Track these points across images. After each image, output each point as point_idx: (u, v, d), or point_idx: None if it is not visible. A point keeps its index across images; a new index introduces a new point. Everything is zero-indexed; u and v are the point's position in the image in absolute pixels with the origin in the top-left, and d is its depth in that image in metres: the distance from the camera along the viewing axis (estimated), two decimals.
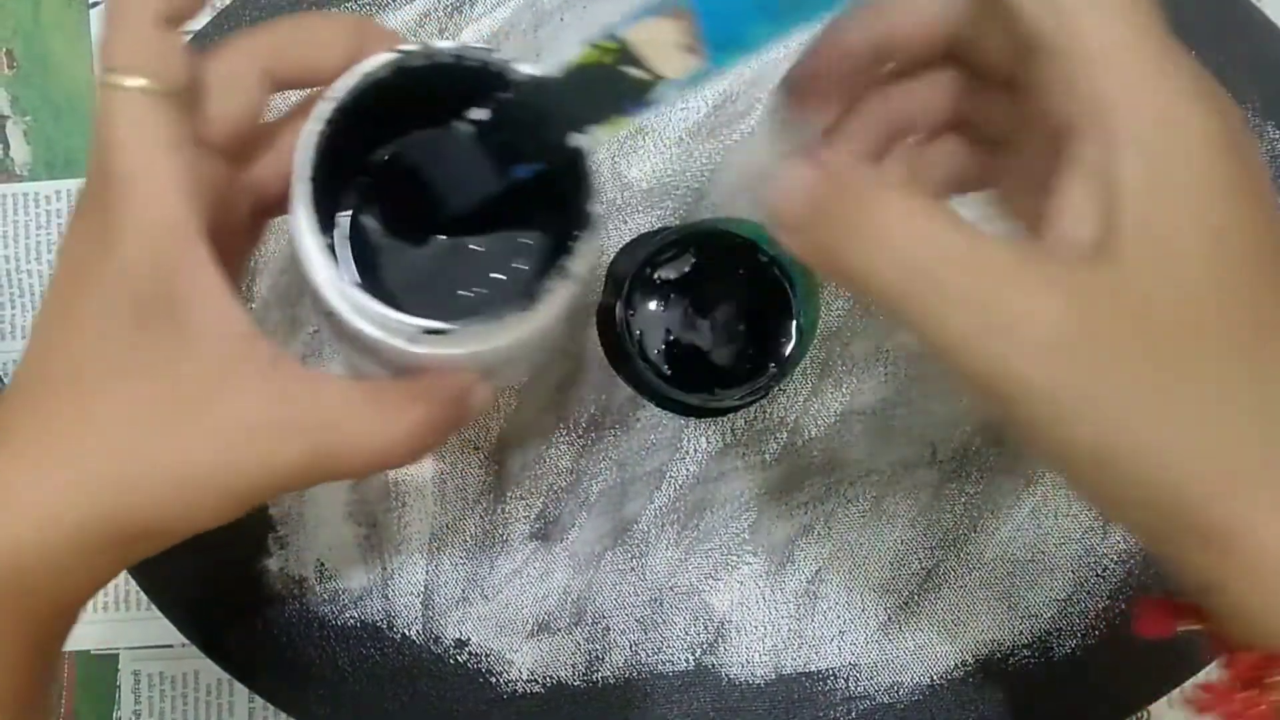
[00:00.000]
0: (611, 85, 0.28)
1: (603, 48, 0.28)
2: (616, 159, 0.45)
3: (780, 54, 0.45)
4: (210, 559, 0.43)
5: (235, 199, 0.31)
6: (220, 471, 0.28)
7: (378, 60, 0.30)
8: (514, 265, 0.33)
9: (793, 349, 0.43)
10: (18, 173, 0.48)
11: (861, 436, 0.44)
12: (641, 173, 0.45)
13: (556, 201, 0.31)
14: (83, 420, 0.27)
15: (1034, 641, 0.43)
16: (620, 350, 0.43)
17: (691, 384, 0.43)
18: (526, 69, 0.29)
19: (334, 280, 0.29)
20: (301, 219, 0.29)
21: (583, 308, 0.44)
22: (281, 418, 0.28)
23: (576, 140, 0.29)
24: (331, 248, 0.32)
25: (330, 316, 0.31)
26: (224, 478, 0.28)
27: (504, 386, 0.44)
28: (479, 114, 0.30)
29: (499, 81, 0.30)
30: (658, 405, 0.44)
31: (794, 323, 0.43)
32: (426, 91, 0.30)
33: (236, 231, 0.32)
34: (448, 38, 0.45)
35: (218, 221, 0.30)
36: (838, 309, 0.45)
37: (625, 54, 0.28)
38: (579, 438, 0.44)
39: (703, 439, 0.44)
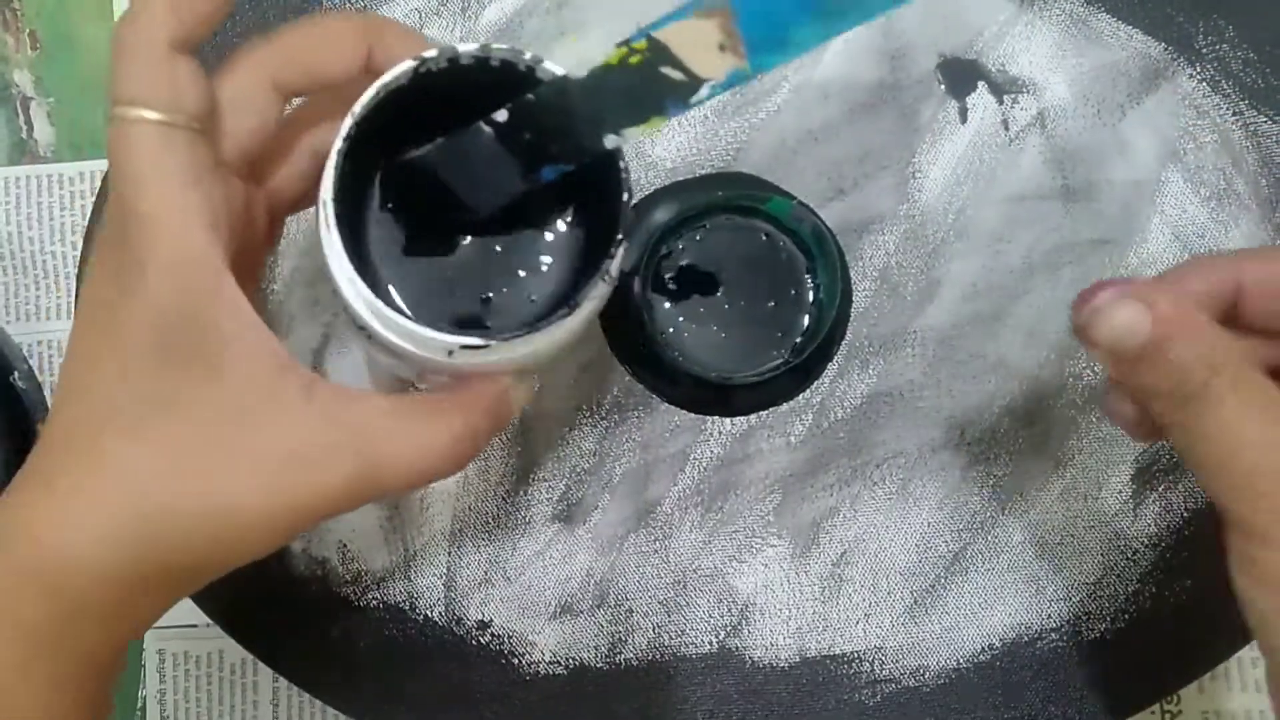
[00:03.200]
0: (647, 86, 0.27)
1: (633, 48, 0.27)
2: (641, 138, 0.45)
3: None
4: None
5: (255, 211, 0.31)
6: (262, 501, 0.28)
7: (397, 70, 0.29)
8: (541, 262, 0.33)
9: (811, 324, 0.43)
10: (42, 154, 0.48)
11: (888, 418, 0.44)
12: (666, 151, 0.45)
13: (582, 197, 0.31)
14: (121, 462, 0.27)
15: (1062, 625, 0.43)
16: (633, 331, 0.43)
17: (705, 364, 0.42)
18: (552, 68, 0.29)
19: (367, 299, 0.29)
20: (331, 241, 0.29)
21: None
22: (322, 441, 0.28)
23: (610, 141, 0.29)
24: (362, 256, 0.32)
25: (363, 330, 0.31)
26: (267, 507, 0.28)
27: (538, 380, 0.43)
28: (501, 115, 0.29)
29: (527, 80, 0.29)
30: (666, 398, 0.43)
31: (812, 297, 0.43)
32: (454, 92, 0.30)
33: (258, 242, 0.32)
34: (470, 17, 0.45)
35: (242, 239, 0.30)
36: (864, 290, 0.44)
37: (659, 54, 0.27)
38: (602, 419, 0.44)
39: (727, 421, 0.44)
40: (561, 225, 0.33)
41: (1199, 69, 0.45)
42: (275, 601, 0.43)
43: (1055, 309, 0.44)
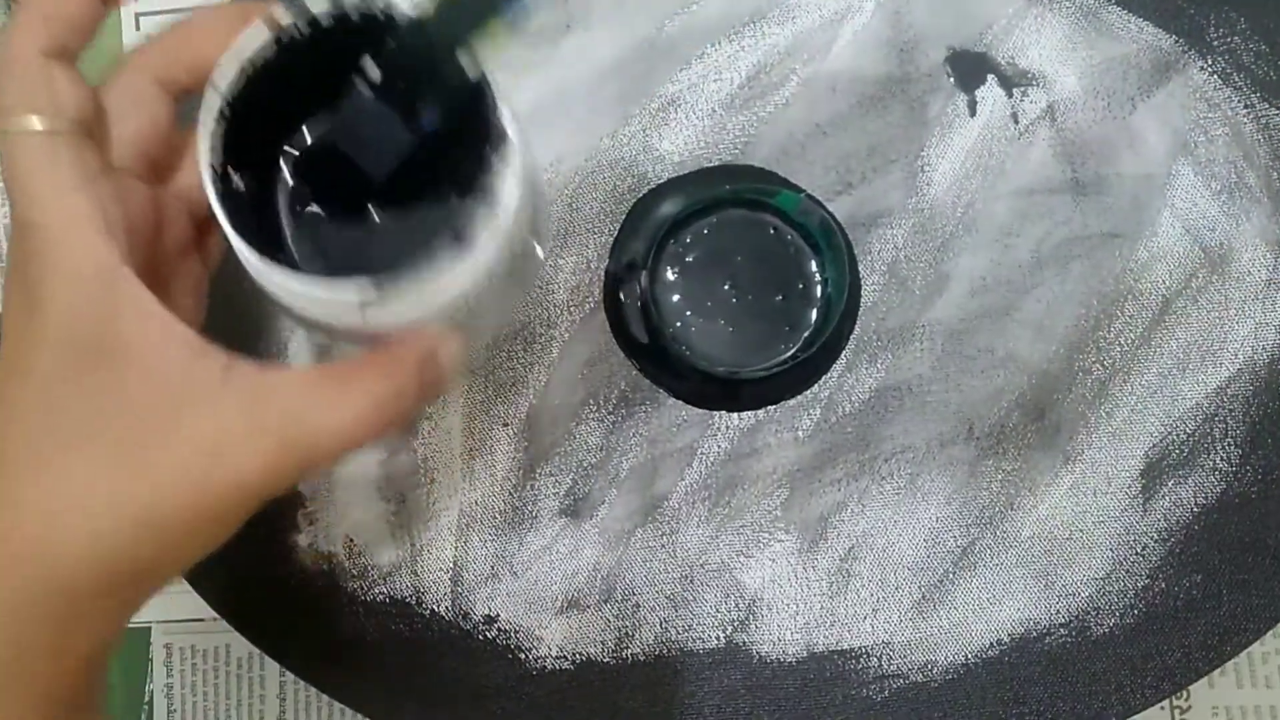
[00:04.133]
0: None
1: None
2: (648, 132, 0.44)
3: (815, 23, 0.45)
4: (240, 534, 0.43)
5: (167, 213, 0.31)
6: (194, 495, 0.27)
7: (254, 41, 0.29)
8: (456, 217, 0.32)
9: (819, 319, 0.43)
10: None
11: (896, 413, 0.43)
12: (673, 145, 0.44)
13: (477, 142, 0.30)
14: (50, 479, 0.27)
15: (1071, 620, 0.43)
16: (640, 325, 0.43)
17: (712, 358, 0.42)
18: (406, 9, 0.29)
19: (265, 268, 0.28)
20: (218, 215, 0.28)
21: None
22: (243, 424, 0.28)
23: (469, 64, 0.29)
24: (276, 236, 0.32)
25: (280, 303, 0.30)
26: (199, 500, 0.27)
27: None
28: (373, 72, 0.29)
29: (391, 29, 0.29)
30: (673, 392, 0.43)
31: (820, 291, 0.43)
32: (333, 49, 0.29)
33: (178, 245, 0.32)
34: None
35: (150, 241, 0.29)
36: (873, 284, 0.44)
37: None
38: (609, 414, 0.44)
39: (734, 415, 0.44)
40: (466, 173, 0.32)
41: (1210, 61, 0.45)
42: (282, 596, 0.43)
43: (1064, 303, 0.44)
